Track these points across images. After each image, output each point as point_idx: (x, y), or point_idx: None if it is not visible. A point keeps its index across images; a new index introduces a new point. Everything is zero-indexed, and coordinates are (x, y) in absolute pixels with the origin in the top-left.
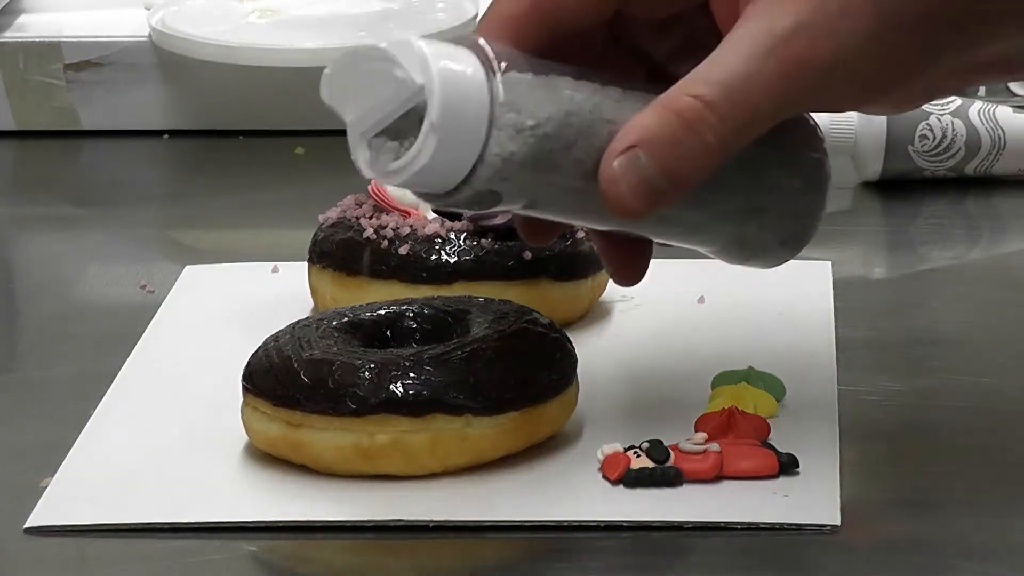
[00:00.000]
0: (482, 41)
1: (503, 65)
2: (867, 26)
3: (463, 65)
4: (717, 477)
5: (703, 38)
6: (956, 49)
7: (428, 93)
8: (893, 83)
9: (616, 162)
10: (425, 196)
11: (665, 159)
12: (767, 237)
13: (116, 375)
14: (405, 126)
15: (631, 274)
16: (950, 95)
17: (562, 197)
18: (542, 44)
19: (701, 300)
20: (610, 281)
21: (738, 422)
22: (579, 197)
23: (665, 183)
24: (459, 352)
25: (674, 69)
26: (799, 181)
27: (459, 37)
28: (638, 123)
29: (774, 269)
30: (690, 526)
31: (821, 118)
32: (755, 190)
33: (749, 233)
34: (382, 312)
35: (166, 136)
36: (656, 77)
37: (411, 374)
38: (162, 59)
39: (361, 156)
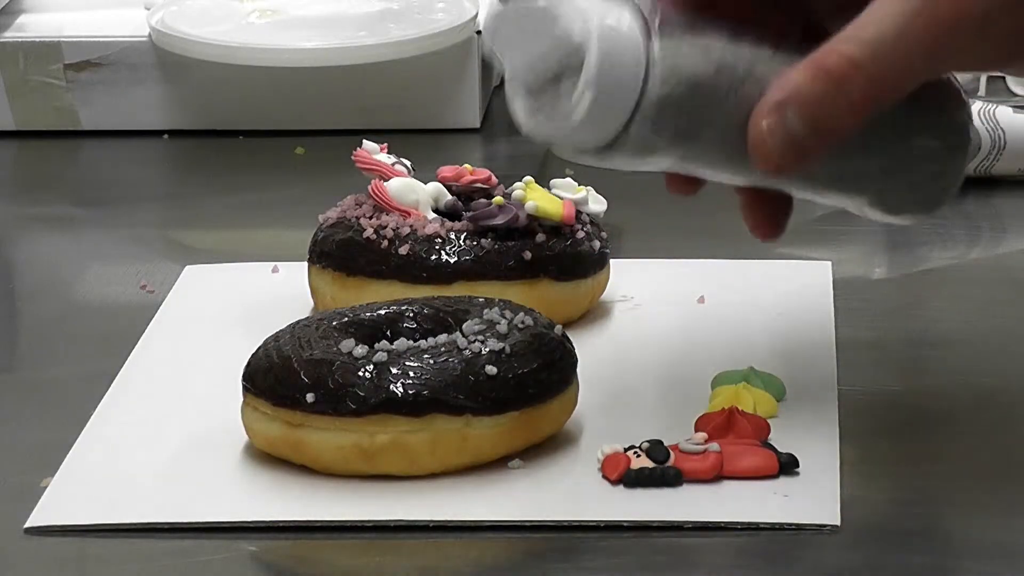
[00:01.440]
0: None
1: (659, 22)
2: None
3: (621, 22)
4: (717, 477)
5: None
6: None
7: (586, 50)
8: None
9: (765, 118)
10: (582, 150)
11: (813, 116)
12: (907, 196)
13: (116, 375)
14: (564, 81)
15: (770, 231)
16: None
17: (711, 152)
18: (698, 1)
19: (701, 300)
20: (610, 281)
21: (738, 422)
22: (727, 152)
23: (812, 139)
24: (459, 352)
25: (831, 25)
26: (941, 143)
27: None
28: (788, 80)
29: (774, 269)
30: (690, 526)
31: None
32: (898, 150)
33: (889, 191)
34: (382, 312)
35: (166, 136)
36: (812, 34)
37: (411, 374)
38: (162, 59)
39: (519, 107)
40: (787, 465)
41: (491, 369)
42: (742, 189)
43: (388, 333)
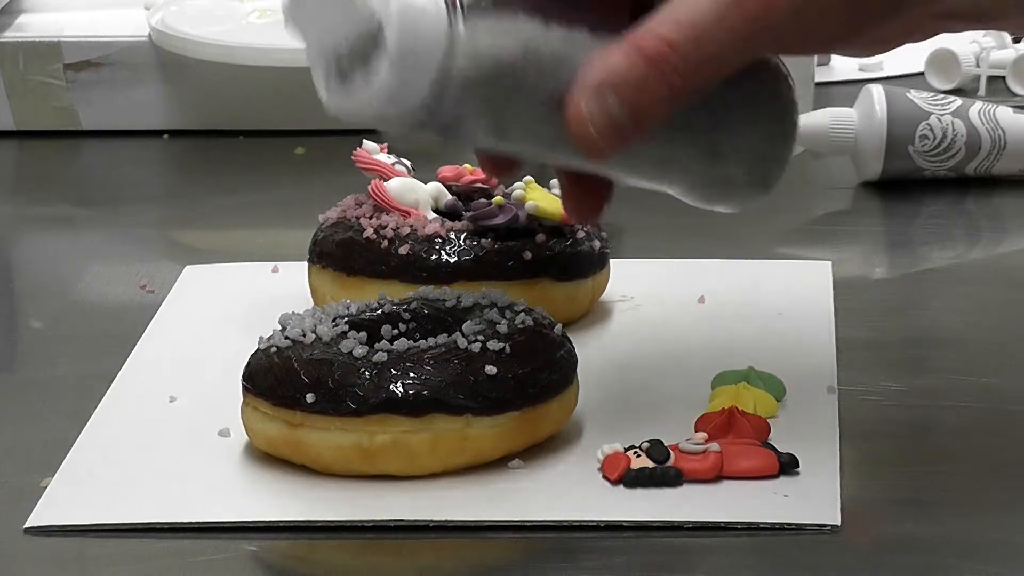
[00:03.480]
0: None
1: (466, 1)
2: None
3: None
4: (717, 477)
5: None
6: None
7: (384, 23)
8: (858, 28)
9: (583, 101)
10: (388, 125)
11: (630, 99)
12: (732, 179)
13: (116, 375)
14: (363, 56)
15: (588, 211)
16: (925, 39)
17: (521, 133)
18: None
19: (701, 300)
20: (610, 281)
21: (738, 422)
22: (538, 133)
23: (629, 122)
24: (459, 352)
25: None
26: (764, 124)
27: None
28: (604, 62)
29: (774, 269)
30: (690, 526)
31: (822, 120)
32: (718, 132)
33: (713, 175)
34: (382, 312)
35: (166, 136)
36: (640, 10)
37: (411, 374)
38: (162, 59)
39: (321, 84)
40: (787, 465)
41: (491, 369)
42: (562, 172)
43: (388, 333)
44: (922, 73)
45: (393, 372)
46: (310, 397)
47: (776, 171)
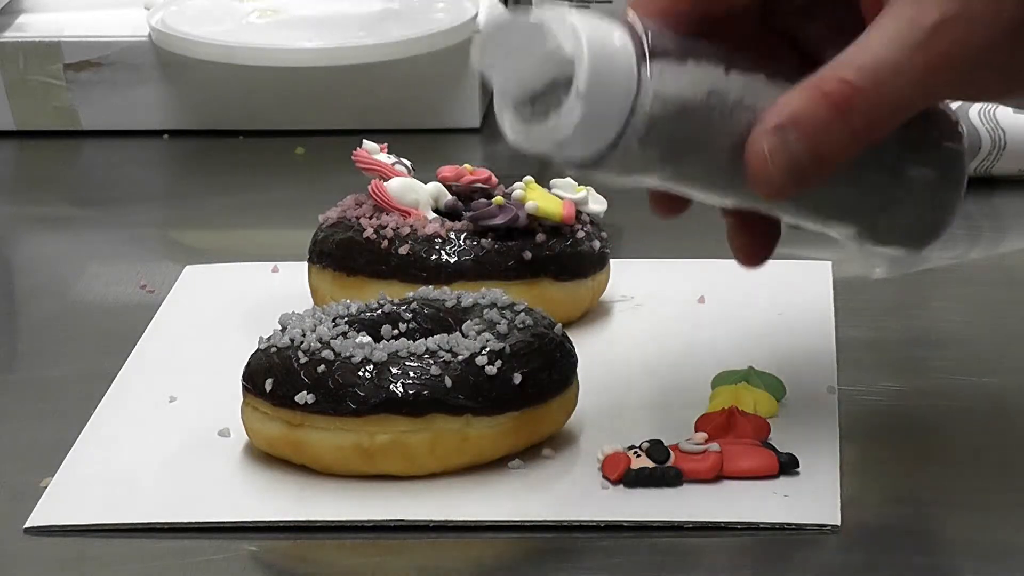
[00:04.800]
0: (633, 17)
1: (651, 42)
2: (1011, 20)
3: (613, 40)
4: (717, 477)
5: (848, 23)
6: None
7: (577, 66)
8: None
9: (766, 140)
10: (570, 163)
11: (813, 140)
12: (900, 227)
13: (116, 375)
14: (554, 96)
15: (757, 256)
16: None
17: (700, 173)
18: (693, 25)
19: (701, 300)
20: (610, 281)
21: (738, 422)
22: (717, 174)
23: (811, 164)
24: (459, 352)
25: (821, 54)
26: (935, 174)
27: (612, 12)
28: (788, 103)
29: (774, 269)
30: (690, 526)
31: None
32: (891, 180)
33: (882, 222)
34: (381, 311)
35: (166, 136)
36: (804, 62)
37: (411, 374)
38: (162, 59)
39: (507, 122)
40: (787, 465)
41: (491, 369)
42: (729, 213)
43: (388, 333)
44: None
45: (393, 372)
46: (310, 397)
47: (943, 223)
